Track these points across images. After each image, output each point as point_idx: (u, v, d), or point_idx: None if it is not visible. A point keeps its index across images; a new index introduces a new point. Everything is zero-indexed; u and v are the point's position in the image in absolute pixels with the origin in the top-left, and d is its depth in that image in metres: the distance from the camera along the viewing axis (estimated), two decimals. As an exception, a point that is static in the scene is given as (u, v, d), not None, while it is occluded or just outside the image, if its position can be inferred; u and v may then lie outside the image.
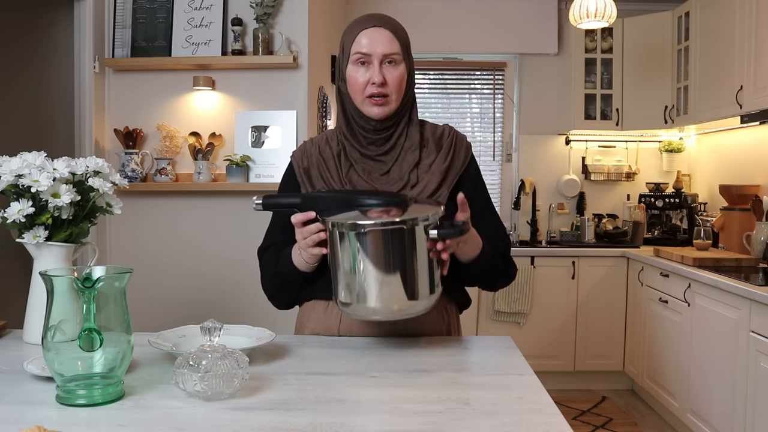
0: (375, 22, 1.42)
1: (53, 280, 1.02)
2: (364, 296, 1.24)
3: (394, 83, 1.41)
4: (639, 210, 4.36)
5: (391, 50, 1.40)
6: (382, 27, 1.41)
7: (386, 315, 1.27)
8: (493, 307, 4.13)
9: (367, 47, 1.40)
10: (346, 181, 1.46)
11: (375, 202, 1.29)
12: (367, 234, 1.21)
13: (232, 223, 3.02)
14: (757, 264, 3.27)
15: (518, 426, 0.96)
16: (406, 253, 1.22)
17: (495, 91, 4.78)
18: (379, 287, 1.23)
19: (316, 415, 0.99)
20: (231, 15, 2.94)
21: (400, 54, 1.42)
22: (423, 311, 1.28)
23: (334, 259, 1.27)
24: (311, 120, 3.07)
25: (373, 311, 1.25)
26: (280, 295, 1.52)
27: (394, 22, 1.44)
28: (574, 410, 3.78)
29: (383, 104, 1.41)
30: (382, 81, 1.39)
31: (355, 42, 1.41)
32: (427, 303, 1.27)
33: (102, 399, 1.03)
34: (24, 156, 1.36)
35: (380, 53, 1.40)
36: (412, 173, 1.45)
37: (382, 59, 1.40)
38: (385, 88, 1.40)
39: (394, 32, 1.42)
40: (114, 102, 3.03)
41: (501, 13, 4.62)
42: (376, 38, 1.40)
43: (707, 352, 3.06)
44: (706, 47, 3.74)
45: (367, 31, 1.41)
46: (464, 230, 1.23)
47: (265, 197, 1.36)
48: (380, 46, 1.39)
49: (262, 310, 2.21)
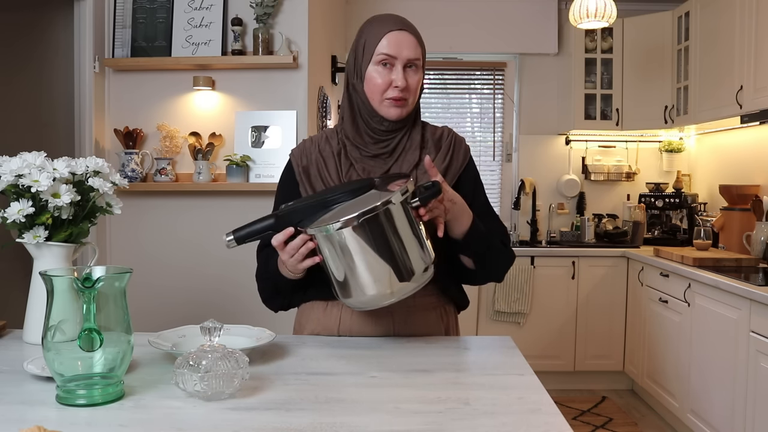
0: (400, 25, 1.43)
1: (53, 280, 1.02)
2: (364, 287, 1.23)
3: (413, 87, 1.43)
4: (639, 210, 4.36)
5: (416, 56, 1.42)
6: (408, 32, 1.42)
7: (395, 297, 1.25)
8: (493, 307, 4.13)
9: (393, 50, 1.40)
10: (345, 180, 1.46)
11: (344, 197, 1.28)
12: (347, 230, 1.20)
13: (232, 223, 2.97)
14: (757, 264, 3.27)
15: (518, 426, 0.96)
16: (390, 236, 1.22)
17: (495, 91, 4.78)
18: (375, 276, 1.22)
19: (316, 415, 0.99)
20: (231, 15, 2.94)
21: (421, 60, 1.44)
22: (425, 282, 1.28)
23: (327, 264, 1.27)
24: (311, 120, 3.07)
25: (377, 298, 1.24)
26: (274, 299, 1.52)
27: (416, 29, 1.46)
28: (574, 410, 3.78)
29: (401, 106, 1.42)
30: (405, 85, 1.40)
31: (381, 43, 1.41)
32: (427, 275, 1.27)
33: (102, 399, 1.03)
34: (24, 156, 1.36)
35: (405, 57, 1.41)
36: (411, 173, 1.46)
37: (406, 63, 1.41)
38: (406, 93, 1.42)
39: (417, 39, 1.44)
40: (114, 102, 3.03)
41: (501, 13, 4.62)
42: (402, 42, 1.41)
43: (707, 352, 3.06)
44: (706, 47, 3.74)
45: (393, 33, 1.41)
46: (439, 187, 1.24)
47: (235, 231, 1.30)
48: (406, 50, 1.41)
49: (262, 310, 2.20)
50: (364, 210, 1.19)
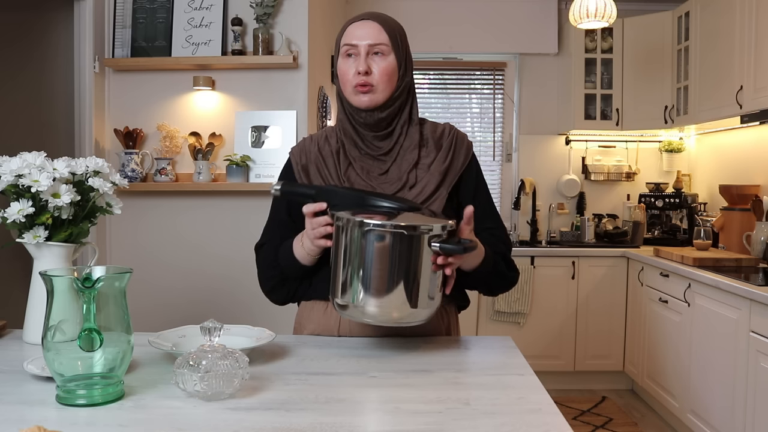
0: (364, 16, 1.44)
1: (53, 280, 1.02)
2: (364, 299, 1.22)
3: (380, 74, 1.41)
4: (639, 210, 4.36)
5: (377, 41, 1.41)
6: (370, 20, 1.43)
7: (383, 320, 1.25)
8: (493, 307, 4.13)
9: (354, 39, 1.42)
10: (344, 179, 1.45)
11: (388, 206, 1.29)
12: (373, 233, 1.20)
13: (232, 223, 3.02)
14: (757, 264, 3.27)
15: (518, 426, 0.96)
16: (411, 261, 1.21)
17: (495, 91, 4.78)
18: (380, 291, 1.22)
19: (316, 415, 0.99)
20: (231, 15, 2.94)
21: (388, 45, 1.42)
22: (419, 322, 1.27)
23: (336, 257, 1.26)
24: (311, 120, 3.07)
25: (371, 315, 1.23)
26: (278, 289, 1.51)
27: (385, 17, 1.46)
28: (574, 410, 3.78)
29: (369, 92, 1.41)
30: (366, 70, 1.40)
31: (344, 36, 1.44)
32: (425, 314, 1.26)
33: (102, 399, 1.03)
34: (24, 156, 1.36)
35: (366, 44, 1.41)
36: (410, 173, 1.45)
37: (368, 50, 1.41)
38: (369, 78, 1.41)
39: (382, 24, 1.43)
40: (114, 102, 3.03)
41: (501, 13, 4.62)
42: (363, 30, 1.42)
43: (707, 352, 3.06)
44: (706, 47, 3.74)
45: (355, 24, 1.44)
46: (468, 248, 1.22)
47: (284, 184, 1.39)
48: (366, 38, 1.41)
49: (262, 310, 2.21)
50: (395, 224, 1.20)
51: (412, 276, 1.22)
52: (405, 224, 1.20)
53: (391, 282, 1.21)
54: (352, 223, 1.22)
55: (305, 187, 1.39)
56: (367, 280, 1.22)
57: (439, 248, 1.22)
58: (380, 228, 1.20)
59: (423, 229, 1.21)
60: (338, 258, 1.26)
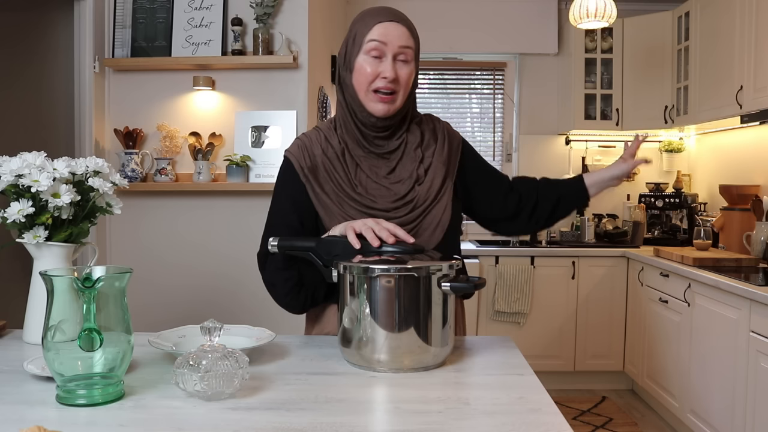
0: (392, 16, 1.39)
1: (53, 280, 1.02)
2: (372, 346, 1.19)
3: (403, 81, 1.39)
4: (639, 210, 4.36)
5: (407, 44, 1.38)
6: (400, 23, 1.39)
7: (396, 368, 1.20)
8: (493, 307, 4.13)
9: (384, 37, 1.36)
10: (356, 183, 1.43)
11: (391, 251, 1.27)
12: (379, 279, 1.17)
13: (232, 223, 3.02)
14: (757, 264, 3.27)
15: (518, 426, 0.96)
16: (421, 304, 1.19)
17: (495, 91, 4.78)
18: (389, 338, 1.18)
19: (316, 415, 0.99)
20: (231, 15, 2.94)
21: (414, 51, 1.40)
22: (433, 366, 1.22)
23: (343, 305, 1.23)
24: (311, 120, 3.07)
25: (380, 362, 1.20)
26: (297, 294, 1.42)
27: (410, 22, 1.43)
28: (574, 410, 3.78)
29: (389, 101, 1.38)
30: (394, 76, 1.37)
31: (371, 31, 1.37)
32: (435, 360, 1.22)
33: (102, 399, 1.03)
34: (24, 156, 1.36)
35: (396, 45, 1.37)
36: (418, 170, 1.45)
37: (396, 53, 1.37)
38: (395, 85, 1.38)
39: (410, 29, 1.40)
40: (114, 102, 3.03)
41: (501, 14, 4.62)
42: (393, 31, 1.37)
43: (707, 352, 3.06)
44: (706, 47, 3.74)
45: (384, 23, 1.38)
46: (479, 285, 1.20)
47: (280, 239, 1.33)
48: (397, 39, 1.37)
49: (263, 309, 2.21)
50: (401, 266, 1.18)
51: (422, 321, 1.19)
52: (412, 266, 1.18)
53: (400, 328, 1.18)
54: (358, 270, 1.19)
55: (304, 239, 1.33)
56: (376, 327, 1.19)
57: (449, 288, 1.20)
58: (387, 273, 1.18)
59: (431, 270, 1.19)
60: (345, 308, 1.23)
